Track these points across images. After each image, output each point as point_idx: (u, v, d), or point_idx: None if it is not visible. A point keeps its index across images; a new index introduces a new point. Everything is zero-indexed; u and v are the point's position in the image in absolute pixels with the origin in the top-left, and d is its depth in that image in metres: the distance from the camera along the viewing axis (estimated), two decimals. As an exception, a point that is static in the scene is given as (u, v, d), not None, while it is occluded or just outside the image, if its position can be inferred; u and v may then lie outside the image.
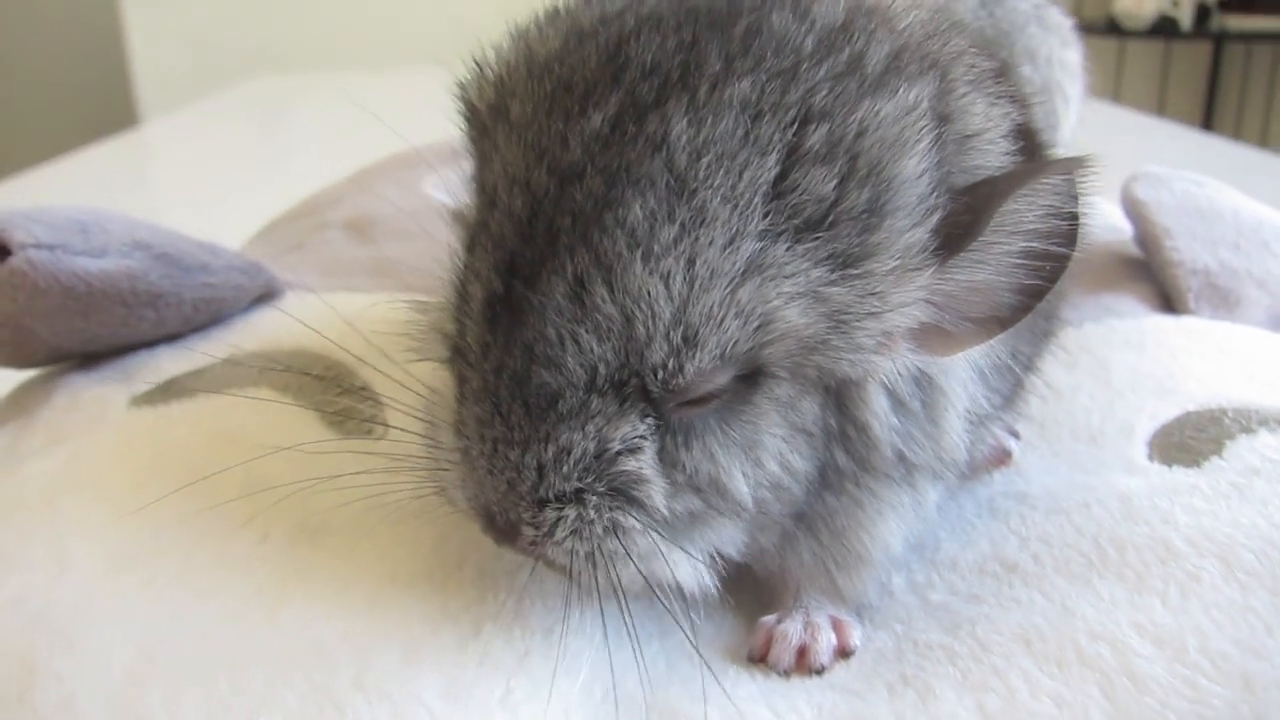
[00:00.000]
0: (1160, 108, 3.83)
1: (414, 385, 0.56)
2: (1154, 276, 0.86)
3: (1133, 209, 0.89)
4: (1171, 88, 4.02)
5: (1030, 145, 0.55)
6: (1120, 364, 0.75)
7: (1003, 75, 0.55)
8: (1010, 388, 0.60)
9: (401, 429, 0.55)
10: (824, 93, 0.46)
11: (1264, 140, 3.69)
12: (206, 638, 0.47)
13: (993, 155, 0.50)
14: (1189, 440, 0.64)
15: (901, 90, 0.47)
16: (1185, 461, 0.62)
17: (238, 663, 0.46)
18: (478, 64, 0.55)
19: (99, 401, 0.66)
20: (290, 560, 0.53)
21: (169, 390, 0.66)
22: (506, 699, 0.46)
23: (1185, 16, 3.77)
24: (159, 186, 2.24)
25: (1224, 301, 0.81)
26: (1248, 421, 0.64)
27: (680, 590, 0.49)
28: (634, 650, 0.49)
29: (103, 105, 3.68)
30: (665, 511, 0.47)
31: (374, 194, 1.08)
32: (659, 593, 0.48)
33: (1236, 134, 3.76)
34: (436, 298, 0.58)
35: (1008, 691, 0.46)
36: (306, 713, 0.43)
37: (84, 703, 0.44)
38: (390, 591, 0.51)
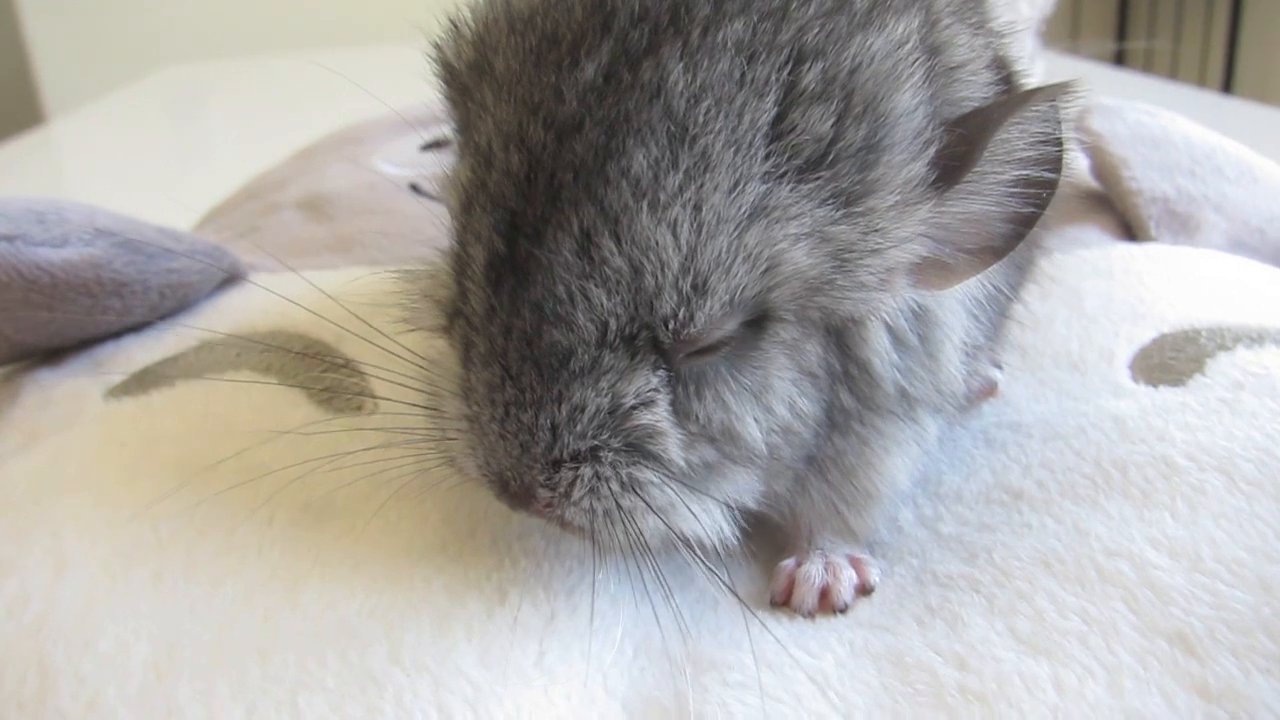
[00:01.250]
0: (1073, 49, 3.89)
1: (400, 354, 0.55)
2: (1114, 207, 0.88)
3: (1088, 141, 0.90)
4: (1083, 29, 4.10)
5: (1007, 75, 0.55)
6: (1092, 291, 0.76)
7: (979, 5, 0.55)
8: (998, 317, 0.61)
9: (392, 400, 0.54)
10: (815, 30, 0.46)
11: (1174, 69, 3.77)
12: (227, 627, 0.46)
13: (976, 86, 0.50)
14: (1169, 361, 0.66)
15: (890, 24, 0.47)
16: (1170, 381, 0.63)
17: (265, 649, 0.44)
18: (453, 22, 0.54)
19: (73, 396, 0.63)
20: (299, 543, 0.51)
21: (145, 379, 0.64)
22: (541, 661, 0.46)
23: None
24: (73, 186, 2.15)
25: (1184, 227, 0.83)
26: (1223, 339, 0.66)
27: (701, 542, 0.48)
28: (669, 602, 0.49)
29: (5, 104, 3.53)
30: (681, 463, 0.47)
31: (321, 173, 1.05)
32: (681, 545, 0.48)
33: (1147, 70, 3.84)
34: (422, 265, 0.57)
35: (1035, 613, 0.47)
36: (346, 692, 0.42)
37: (111, 701, 0.42)
38: (407, 565, 0.50)
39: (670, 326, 0.45)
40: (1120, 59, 3.96)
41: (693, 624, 0.50)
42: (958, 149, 0.47)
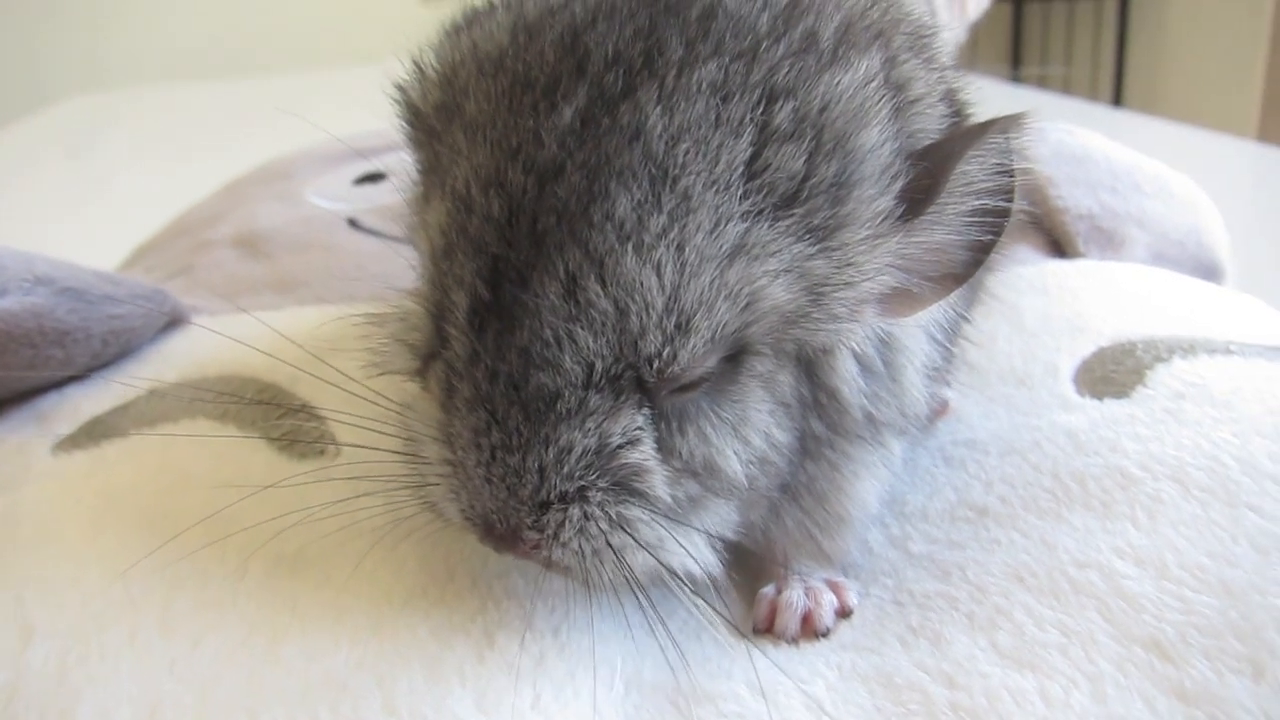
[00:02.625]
0: (971, 64, 4.02)
1: (365, 397, 0.55)
2: (1041, 225, 0.91)
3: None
4: (980, 45, 4.24)
5: (958, 109, 0.57)
6: (1030, 308, 0.79)
7: (930, 39, 0.57)
8: (953, 338, 0.63)
9: (359, 445, 0.53)
10: (785, 70, 0.47)
11: (1067, 89, 3.93)
12: (210, 686, 0.45)
13: (932, 120, 0.52)
14: (1111, 373, 0.68)
15: (856, 62, 0.48)
16: (1114, 393, 0.65)
17: (254, 707, 0.43)
18: (416, 64, 0.54)
19: (18, 452, 0.61)
20: (276, 596, 0.50)
21: (94, 431, 0.62)
22: (537, 703, 0.46)
23: (987, -20, 3.98)
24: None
25: (1110, 242, 0.87)
26: (1158, 351, 0.69)
27: (690, 575, 0.49)
28: (661, 635, 0.49)
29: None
30: (668, 499, 0.47)
31: (253, 209, 1.03)
32: (670, 580, 0.49)
33: (1041, 85, 3.99)
34: (389, 307, 0.56)
35: (1015, 628, 0.48)
36: (344, 747, 0.42)
37: (95, 773, 0.41)
38: (390, 613, 0.49)
39: (654, 366, 0.45)
40: (1017, 81, 4.11)
41: (680, 657, 0.51)
42: (921, 181, 0.49)
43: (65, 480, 0.57)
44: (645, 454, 0.46)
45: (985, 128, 0.49)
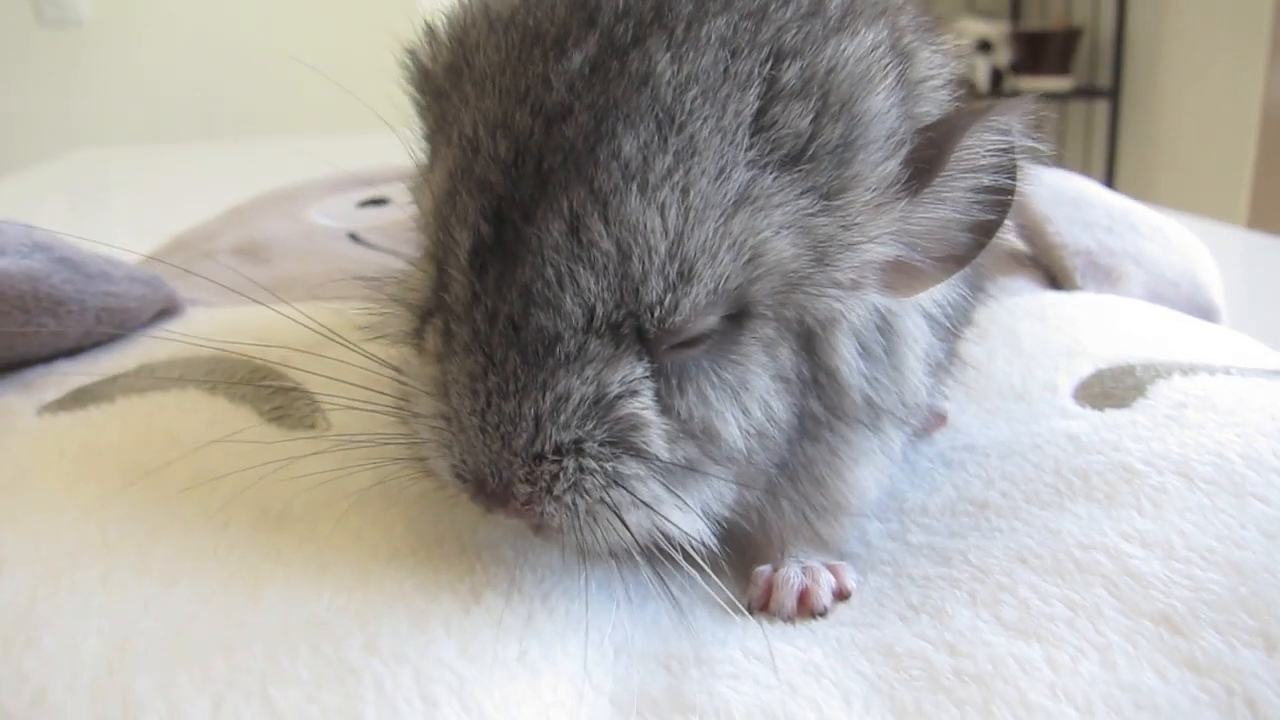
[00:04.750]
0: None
1: (359, 365, 0.54)
2: (1038, 263, 0.92)
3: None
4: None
5: (961, 96, 0.58)
6: (1028, 333, 0.79)
7: (937, 28, 0.58)
8: (954, 336, 0.62)
9: (349, 403, 0.53)
10: (793, 32, 0.48)
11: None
12: (186, 624, 0.43)
13: (935, 104, 0.52)
14: (1111, 389, 0.68)
15: (862, 31, 0.49)
16: (1115, 404, 0.65)
17: (230, 643, 0.41)
18: (428, 26, 0.54)
19: (2, 413, 0.59)
20: (259, 547, 0.48)
21: (81, 397, 0.60)
22: (524, 657, 0.44)
23: (981, 78, 4.09)
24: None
25: (1107, 278, 0.87)
26: (1157, 370, 0.69)
27: (688, 539, 0.48)
28: (664, 592, 0.47)
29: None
30: (666, 458, 0.46)
31: (255, 224, 1.03)
32: (666, 544, 0.47)
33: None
34: (392, 276, 0.56)
35: (1019, 603, 0.47)
36: (323, 683, 0.40)
37: (58, 696, 0.39)
38: (376, 568, 0.48)
39: (655, 314, 0.45)
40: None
41: (673, 626, 0.49)
42: (926, 153, 0.49)
43: (48, 437, 0.56)
44: (644, 404, 0.46)
45: (991, 106, 0.50)
